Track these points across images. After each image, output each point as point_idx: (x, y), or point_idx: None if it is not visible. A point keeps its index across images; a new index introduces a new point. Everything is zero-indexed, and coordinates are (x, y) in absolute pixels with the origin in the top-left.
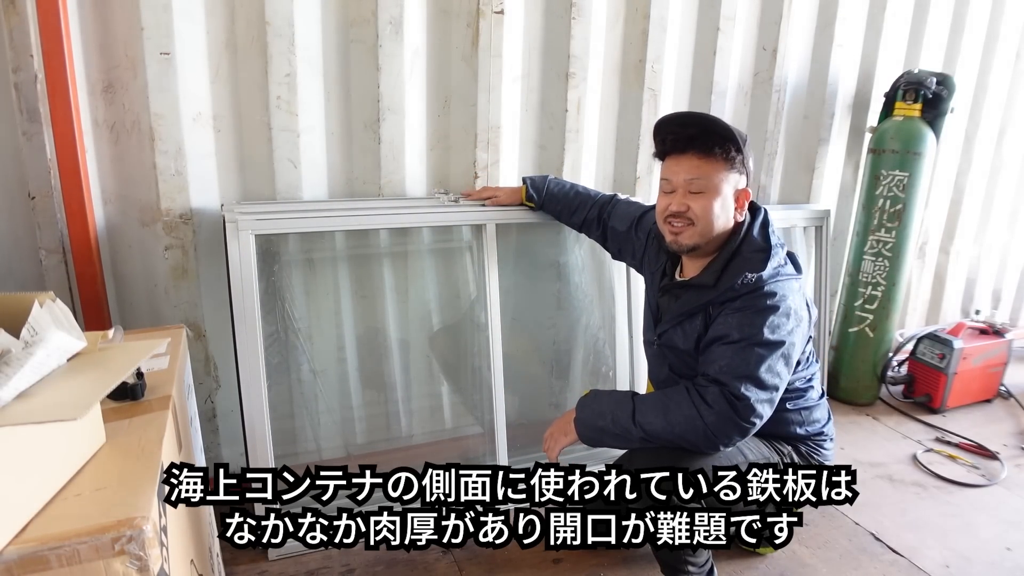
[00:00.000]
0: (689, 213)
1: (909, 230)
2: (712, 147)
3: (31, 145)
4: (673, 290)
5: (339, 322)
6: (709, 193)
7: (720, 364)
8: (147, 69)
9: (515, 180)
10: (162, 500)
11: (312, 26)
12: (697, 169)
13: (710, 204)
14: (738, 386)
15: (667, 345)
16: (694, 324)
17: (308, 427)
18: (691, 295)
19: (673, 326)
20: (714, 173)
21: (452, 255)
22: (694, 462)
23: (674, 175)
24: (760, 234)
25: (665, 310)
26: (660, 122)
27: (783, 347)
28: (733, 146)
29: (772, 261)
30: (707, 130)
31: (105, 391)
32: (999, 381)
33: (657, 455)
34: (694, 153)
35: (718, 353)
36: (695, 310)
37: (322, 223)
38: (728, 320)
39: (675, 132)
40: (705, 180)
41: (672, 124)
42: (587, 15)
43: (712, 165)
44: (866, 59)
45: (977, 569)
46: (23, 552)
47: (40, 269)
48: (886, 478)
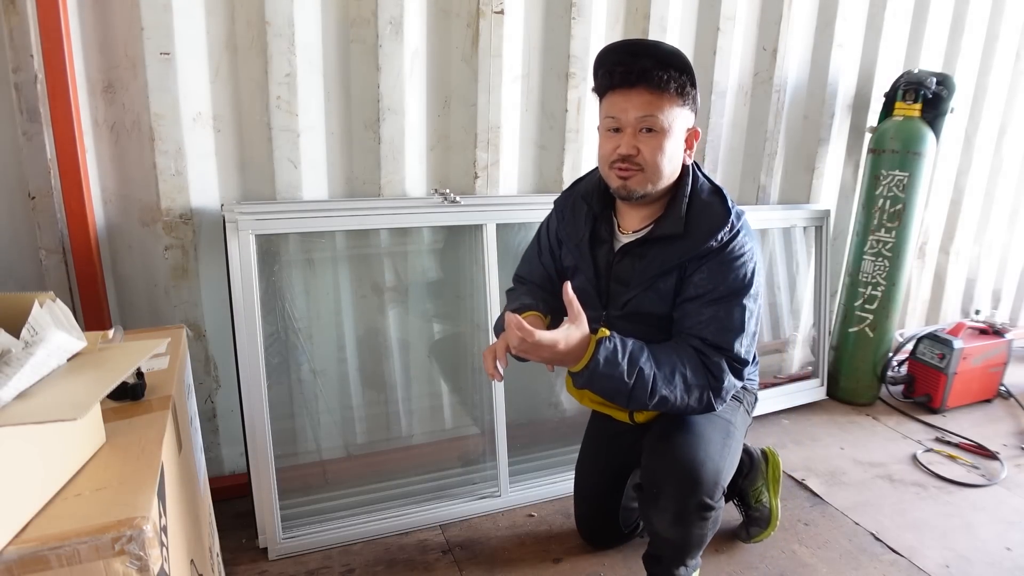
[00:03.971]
0: (639, 157)
1: (909, 230)
2: (667, 81)
3: (31, 145)
4: (635, 250)
5: (339, 322)
6: (661, 133)
7: (714, 327)
8: (147, 69)
9: (515, 180)
10: (162, 500)
11: (312, 26)
12: (649, 105)
13: (661, 146)
14: (736, 349)
15: (635, 313)
16: (668, 283)
17: (308, 427)
18: (660, 251)
19: (645, 289)
20: (668, 110)
21: (452, 255)
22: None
23: (622, 112)
24: (702, 173)
25: (628, 275)
26: (605, 51)
27: (759, 295)
28: (689, 79)
29: (728, 201)
30: (661, 61)
31: (105, 391)
32: (999, 381)
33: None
34: (645, 87)
35: (707, 314)
36: (670, 268)
37: (322, 223)
38: (710, 275)
39: (624, 63)
40: (657, 118)
41: (620, 53)
42: (587, 15)
43: (665, 100)
44: (866, 59)
45: (977, 569)
46: (23, 552)
47: (40, 269)
48: (886, 478)
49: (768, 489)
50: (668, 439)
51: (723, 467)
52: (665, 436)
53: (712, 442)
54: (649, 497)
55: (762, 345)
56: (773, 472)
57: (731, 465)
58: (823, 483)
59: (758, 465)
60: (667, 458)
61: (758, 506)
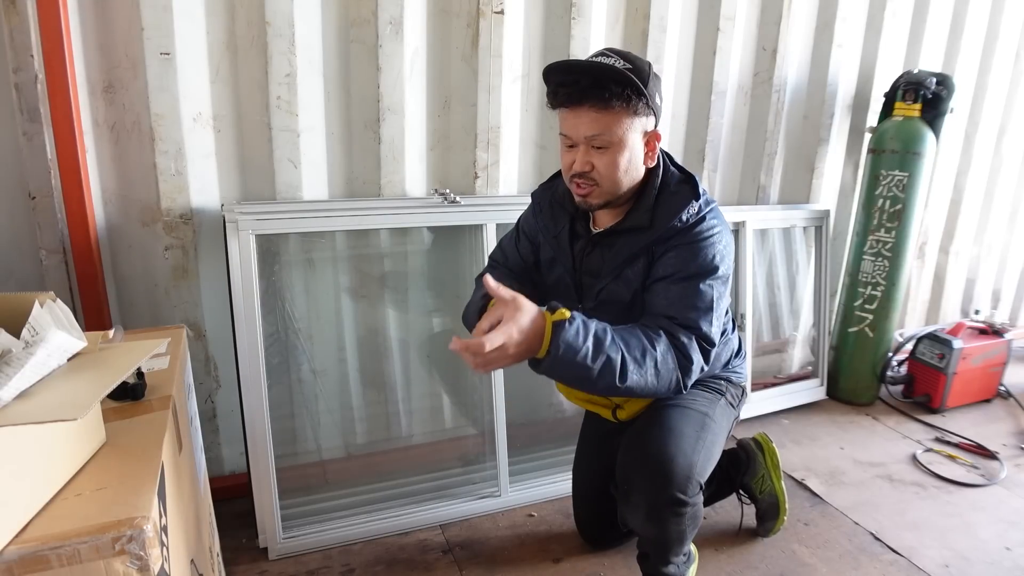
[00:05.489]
0: (593, 173)
1: (909, 230)
2: (608, 98)
3: (31, 145)
4: (603, 240)
5: (339, 322)
6: (613, 148)
7: (681, 304)
8: (147, 69)
9: (515, 180)
10: (162, 500)
11: (312, 26)
12: (596, 123)
13: (615, 161)
14: (704, 328)
15: (608, 301)
16: (636, 269)
17: (308, 427)
18: (627, 240)
19: (614, 278)
20: (616, 125)
21: (452, 255)
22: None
23: (572, 130)
24: (675, 166)
25: (598, 265)
26: (547, 70)
27: (727, 275)
28: (632, 90)
29: (699, 187)
30: (599, 79)
31: (105, 391)
32: (998, 381)
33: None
34: (590, 106)
35: (675, 293)
36: (637, 252)
37: (322, 223)
38: (678, 255)
39: (565, 83)
40: (607, 135)
41: (560, 72)
42: (587, 15)
43: (612, 116)
44: (866, 59)
45: (976, 569)
46: (24, 552)
47: (40, 269)
48: (886, 478)
49: (771, 475)
50: (640, 435)
51: (696, 461)
52: (637, 432)
53: (685, 437)
54: (622, 494)
55: (762, 345)
56: (771, 458)
57: (707, 459)
58: (823, 483)
59: (754, 456)
60: (637, 454)
61: (764, 496)
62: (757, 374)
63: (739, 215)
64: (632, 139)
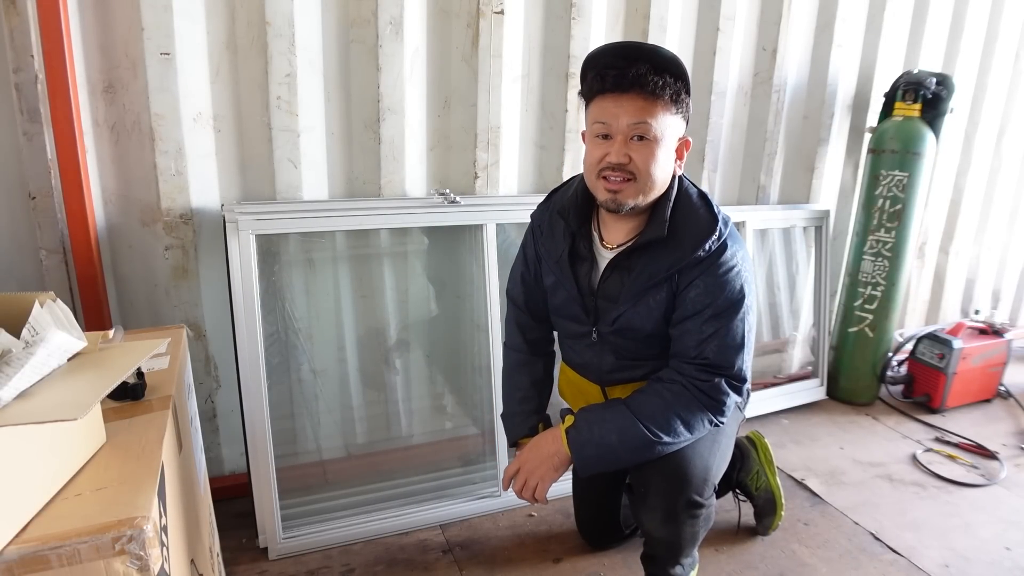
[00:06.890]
0: (631, 166)
1: (909, 230)
2: (662, 87)
3: (31, 145)
4: (621, 263)
5: (339, 322)
6: (653, 142)
7: (716, 344)
8: (147, 69)
9: (515, 180)
10: (162, 500)
11: (312, 26)
12: (642, 112)
13: (654, 154)
14: (737, 367)
15: (626, 329)
16: (658, 299)
17: (308, 427)
18: (647, 261)
19: (634, 304)
20: (661, 117)
21: (452, 255)
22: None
23: (614, 118)
24: (688, 180)
25: (616, 290)
26: (596, 53)
27: (753, 302)
28: (684, 86)
29: (714, 208)
30: (657, 66)
31: (105, 391)
32: (998, 381)
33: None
34: (638, 93)
35: (709, 330)
36: (659, 280)
37: (322, 223)
38: (706, 290)
39: (617, 67)
40: (651, 125)
41: (613, 55)
42: (587, 15)
43: (659, 107)
44: (866, 59)
45: (976, 569)
46: (24, 552)
47: (40, 269)
48: (886, 478)
49: (766, 471)
50: None
51: (712, 464)
52: None
53: (701, 440)
54: (639, 496)
55: (762, 345)
56: (764, 454)
57: (722, 461)
58: (823, 483)
59: (748, 453)
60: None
61: (760, 492)
62: (757, 374)
63: (739, 215)
64: (669, 137)
